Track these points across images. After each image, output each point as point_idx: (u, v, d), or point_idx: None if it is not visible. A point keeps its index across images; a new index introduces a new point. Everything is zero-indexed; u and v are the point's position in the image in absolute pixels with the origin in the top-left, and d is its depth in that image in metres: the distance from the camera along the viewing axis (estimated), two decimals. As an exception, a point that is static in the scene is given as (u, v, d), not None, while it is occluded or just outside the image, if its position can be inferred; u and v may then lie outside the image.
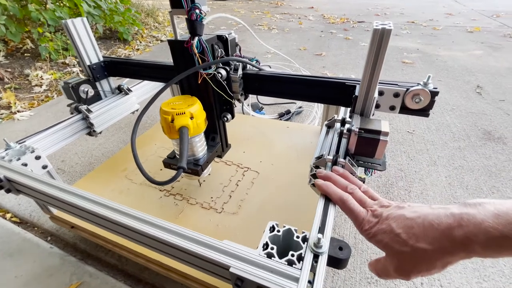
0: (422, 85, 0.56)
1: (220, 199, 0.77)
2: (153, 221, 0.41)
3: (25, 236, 0.84)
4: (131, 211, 0.43)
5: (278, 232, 0.38)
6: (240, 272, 0.33)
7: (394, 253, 0.33)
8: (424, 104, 0.56)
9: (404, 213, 0.34)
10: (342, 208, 0.40)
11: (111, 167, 0.93)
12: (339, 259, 0.34)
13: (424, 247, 0.31)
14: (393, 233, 0.33)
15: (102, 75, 0.94)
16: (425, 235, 0.31)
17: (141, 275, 0.73)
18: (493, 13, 3.65)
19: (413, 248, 0.31)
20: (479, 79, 1.80)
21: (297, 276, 0.33)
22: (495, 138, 1.23)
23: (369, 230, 0.36)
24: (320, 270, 0.33)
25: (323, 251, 0.35)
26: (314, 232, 0.37)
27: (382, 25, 0.47)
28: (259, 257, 0.35)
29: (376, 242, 0.35)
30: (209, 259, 0.36)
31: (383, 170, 0.49)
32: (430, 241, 0.30)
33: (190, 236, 0.38)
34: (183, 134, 0.56)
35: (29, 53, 2.27)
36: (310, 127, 1.11)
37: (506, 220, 0.26)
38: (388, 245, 0.34)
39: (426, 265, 0.31)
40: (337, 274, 0.73)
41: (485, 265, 0.74)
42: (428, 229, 0.31)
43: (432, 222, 0.31)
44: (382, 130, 0.47)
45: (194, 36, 0.57)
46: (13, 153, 0.67)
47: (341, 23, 3.43)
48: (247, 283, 0.33)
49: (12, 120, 1.50)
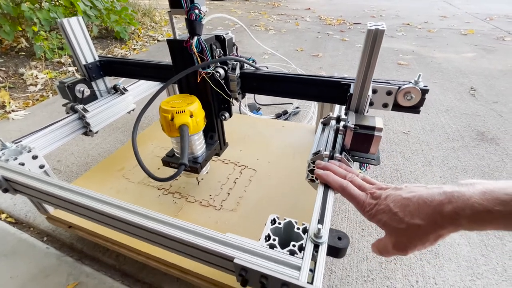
0: (413, 83, 0.58)
1: (218, 196, 0.77)
2: (157, 216, 0.42)
3: (21, 236, 0.83)
4: (134, 207, 0.43)
5: (279, 224, 0.40)
6: (244, 262, 0.34)
7: (392, 231, 0.36)
8: (415, 102, 0.59)
9: (401, 194, 0.36)
10: (343, 194, 0.43)
11: (108, 166, 0.92)
12: (338, 248, 0.36)
13: (418, 222, 0.33)
14: (391, 212, 0.36)
15: (98, 74, 0.94)
16: (419, 212, 0.34)
17: (139, 275, 0.73)
18: (487, 16, 3.71)
19: (408, 224, 0.34)
20: (473, 81, 1.83)
21: (299, 265, 0.34)
22: (488, 139, 1.26)
23: (370, 211, 0.39)
24: (320, 259, 0.34)
25: (323, 241, 0.36)
26: (313, 224, 0.39)
27: (375, 26, 0.49)
28: (262, 248, 0.36)
29: (376, 221, 0.38)
30: (214, 251, 0.37)
31: (377, 164, 0.52)
32: (423, 217, 0.33)
33: (194, 230, 0.39)
34: (183, 131, 0.56)
35: (23, 52, 2.24)
36: (305, 126, 1.13)
37: (492, 196, 0.29)
38: (387, 224, 0.36)
39: (420, 239, 0.34)
40: (334, 273, 0.74)
41: (478, 263, 0.76)
42: (422, 206, 0.34)
43: (425, 200, 0.34)
44: (376, 126, 0.49)
45: (193, 36, 0.58)
46: (10, 152, 0.67)
47: (337, 25, 3.46)
48: (251, 273, 0.34)
49: (6, 119, 1.48)
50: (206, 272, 0.57)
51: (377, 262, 0.76)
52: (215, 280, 0.56)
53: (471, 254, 0.78)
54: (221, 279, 0.56)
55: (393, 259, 0.77)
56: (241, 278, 0.34)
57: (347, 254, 0.78)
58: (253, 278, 0.34)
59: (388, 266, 0.75)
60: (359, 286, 0.71)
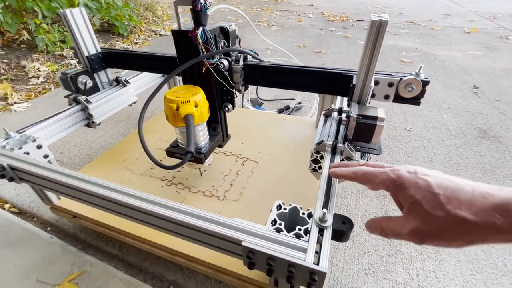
0: (414, 75, 0.59)
1: (221, 187, 0.78)
2: (166, 203, 0.43)
3: (25, 226, 0.84)
4: (143, 195, 0.44)
5: (285, 210, 0.41)
6: (251, 245, 0.35)
7: (420, 214, 0.29)
8: (416, 93, 0.60)
9: (444, 176, 0.30)
10: (357, 178, 0.36)
11: (110, 158, 0.93)
12: (342, 232, 0.36)
13: (465, 216, 0.26)
14: (430, 191, 0.29)
15: (100, 66, 0.94)
16: (471, 204, 0.27)
17: (142, 265, 0.74)
18: (490, 14, 3.69)
19: (449, 214, 0.27)
20: (476, 79, 1.83)
21: (305, 247, 0.35)
22: (490, 137, 1.26)
23: (399, 181, 0.31)
24: (326, 242, 0.35)
25: (328, 225, 0.37)
26: (318, 209, 0.39)
27: (379, 17, 0.50)
28: (268, 232, 0.37)
29: (402, 196, 0.31)
30: (222, 235, 0.37)
31: (378, 154, 0.52)
32: (475, 212, 0.26)
33: (202, 215, 0.40)
34: (189, 121, 0.57)
35: (25, 44, 2.23)
36: (306, 119, 1.13)
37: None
38: (417, 203, 0.29)
39: (455, 235, 0.27)
40: (335, 265, 0.74)
41: (478, 258, 0.76)
42: (478, 199, 0.27)
43: (484, 194, 0.27)
44: (378, 116, 0.50)
45: (198, 26, 0.57)
46: (14, 142, 0.67)
47: (340, 21, 3.43)
48: (258, 255, 0.35)
49: (9, 111, 1.48)
50: (210, 259, 0.58)
51: (378, 256, 0.76)
52: (219, 266, 0.57)
53: (472, 249, 0.79)
54: (225, 265, 0.56)
55: (394, 253, 0.77)
56: (248, 260, 0.35)
57: (348, 247, 0.79)
58: (260, 260, 0.35)
59: (389, 259, 0.76)
60: (360, 278, 0.71)
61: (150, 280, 0.71)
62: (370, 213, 0.89)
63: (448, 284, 0.70)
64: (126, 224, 0.63)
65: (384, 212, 0.89)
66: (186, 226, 0.40)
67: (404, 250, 0.78)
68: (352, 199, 0.94)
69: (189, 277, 0.71)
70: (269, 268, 0.34)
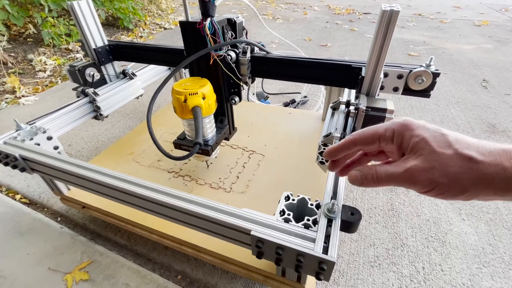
0: (425, 67, 0.58)
1: (228, 179, 0.78)
2: (176, 193, 0.43)
3: (35, 216, 0.85)
4: (152, 185, 0.44)
5: (293, 200, 0.41)
6: (260, 234, 0.35)
7: (424, 151, 0.26)
8: (426, 85, 0.59)
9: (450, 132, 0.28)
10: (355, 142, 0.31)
11: (117, 151, 0.93)
12: (351, 223, 0.37)
13: (472, 155, 0.25)
14: (437, 132, 0.27)
15: (107, 59, 0.94)
16: (479, 146, 0.25)
17: (150, 255, 0.75)
18: (502, 7, 3.59)
19: (457, 152, 0.25)
20: (485, 73, 1.79)
21: (314, 237, 0.35)
22: (500, 131, 1.24)
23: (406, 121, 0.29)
24: (335, 232, 0.35)
25: (336, 216, 0.37)
26: (326, 199, 0.40)
27: (390, 7, 0.49)
28: (277, 222, 0.38)
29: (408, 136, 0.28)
30: (231, 225, 0.38)
31: None
32: (483, 153, 0.25)
33: (212, 205, 0.41)
34: (196, 112, 0.57)
35: (31, 38, 2.25)
36: (312, 113, 1.13)
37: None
38: (423, 140, 0.27)
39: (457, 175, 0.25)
40: (341, 257, 0.75)
41: (485, 252, 0.76)
42: (486, 145, 0.25)
43: (492, 143, 0.26)
44: (388, 108, 0.50)
45: (206, 17, 0.57)
46: (25, 133, 0.68)
47: (346, 14, 3.38)
48: (267, 245, 0.35)
49: (17, 104, 1.50)
50: (218, 249, 0.59)
51: (384, 249, 0.77)
52: (226, 256, 0.58)
53: (479, 243, 0.78)
54: (232, 255, 0.57)
55: (399, 246, 0.77)
56: (257, 250, 0.35)
57: (354, 240, 0.79)
58: (269, 250, 0.35)
59: (394, 252, 0.76)
60: (365, 271, 0.72)
61: (158, 270, 0.72)
62: (376, 206, 0.89)
63: (454, 277, 0.70)
64: (134, 214, 0.64)
65: (391, 206, 0.89)
66: (196, 216, 0.41)
67: (410, 243, 0.78)
68: (358, 192, 0.94)
69: (196, 267, 0.72)
70: (278, 257, 0.35)
